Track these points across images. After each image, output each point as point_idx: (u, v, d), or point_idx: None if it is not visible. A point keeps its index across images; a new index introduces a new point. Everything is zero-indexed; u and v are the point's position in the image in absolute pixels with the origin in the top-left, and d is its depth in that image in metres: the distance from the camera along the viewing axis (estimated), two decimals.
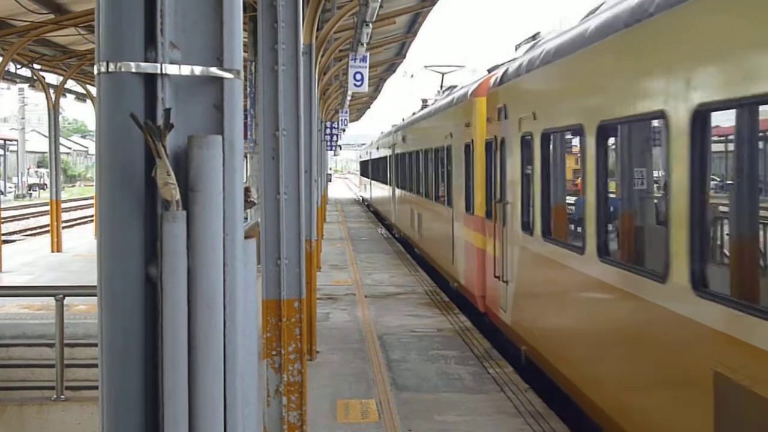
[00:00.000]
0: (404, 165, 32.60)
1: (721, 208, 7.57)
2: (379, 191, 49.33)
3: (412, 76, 44.05)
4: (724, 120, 7.18)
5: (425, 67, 37.55)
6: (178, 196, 2.40)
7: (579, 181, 10.87)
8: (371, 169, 58.93)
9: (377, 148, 52.28)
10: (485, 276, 16.54)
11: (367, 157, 67.92)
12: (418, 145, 27.81)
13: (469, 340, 15.09)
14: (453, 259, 20.19)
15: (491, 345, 14.67)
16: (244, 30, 17.63)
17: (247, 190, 2.66)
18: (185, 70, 2.48)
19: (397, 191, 35.31)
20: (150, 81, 2.45)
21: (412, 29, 26.41)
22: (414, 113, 34.48)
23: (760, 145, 6.87)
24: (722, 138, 7.40)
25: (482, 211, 16.89)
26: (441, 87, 33.86)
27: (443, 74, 37.06)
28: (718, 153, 7.51)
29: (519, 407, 11.07)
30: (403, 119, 38.50)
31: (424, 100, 33.98)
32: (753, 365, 6.29)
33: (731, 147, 7.19)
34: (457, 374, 12.74)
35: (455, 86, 26.74)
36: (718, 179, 7.58)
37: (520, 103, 13.43)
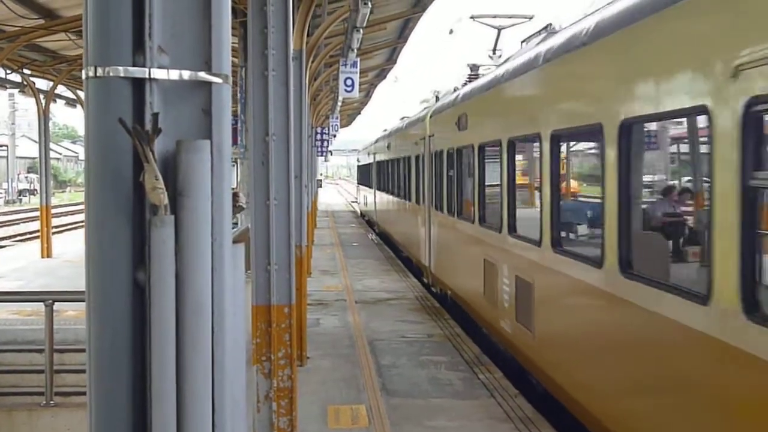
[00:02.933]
0: (477, 173, 15.81)
1: None
2: (394, 214, 32.83)
3: (451, 32, 33.95)
4: None
5: (472, 18, 24.55)
6: (166, 201, 2.40)
7: None
8: (377, 177, 42.04)
9: (387, 147, 35.47)
10: None
11: (368, 160, 50.63)
12: (560, 121, 10.93)
13: (459, 345, 15.08)
14: None
15: (481, 351, 14.66)
16: (235, 35, 17.64)
17: (235, 195, 2.66)
18: (173, 74, 2.48)
19: (455, 224, 18.29)
20: (138, 85, 2.45)
21: (402, 35, 26.42)
22: (457, 88, 21.03)
23: None
24: None
25: None
26: (495, 47, 23.45)
27: (499, 29, 24.18)
28: None
29: (509, 413, 11.06)
30: (437, 96, 25.23)
31: (474, 66, 22.89)
32: None
33: None
34: (448, 380, 12.73)
35: (553, 29, 14.45)
36: None
37: None
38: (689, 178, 8.68)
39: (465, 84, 20.76)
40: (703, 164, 7.31)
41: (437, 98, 24.09)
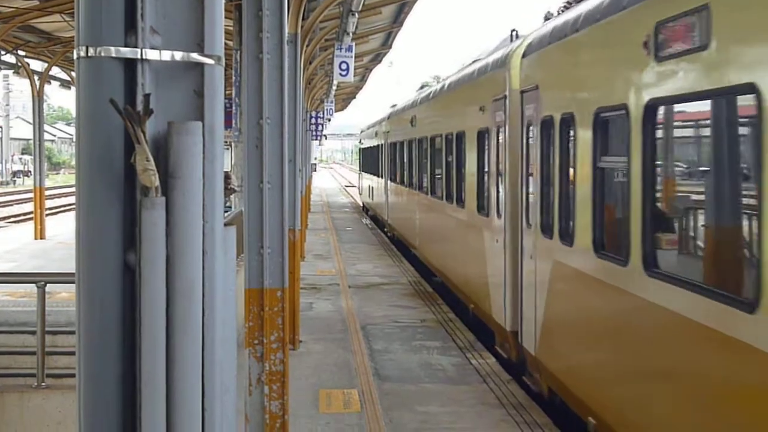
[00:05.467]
0: None
1: None
2: (423, 221, 22.87)
3: None
4: None
5: None
6: (157, 183, 2.39)
7: None
8: (390, 164, 31.46)
9: (411, 122, 25.31)
10: None
11: (375, 142, 38.83)
12: None
13: (452, 331, 15.09)
14: None
15: (475, 337, 14.67)
16: (229, 18, 17.58)
17: (227, 177, 2.64)
18: (166, 55, 2.46)
19: (645, 286, 7.57)
20: (130, 66, 2.43)
21: (398, 19, 26.33)
22: None
23: None
24: None
25: None
26: None
27: None
28: None
29: (501, 398, 11.07)
30: (515, 33, 15.31)
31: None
32: None
33: None
34: (440, 365, 12.74)
35: None
36: None
37: None
38: None
39: (560, 13, 12.16)
40: None
41: (515, 35, 15.14)
